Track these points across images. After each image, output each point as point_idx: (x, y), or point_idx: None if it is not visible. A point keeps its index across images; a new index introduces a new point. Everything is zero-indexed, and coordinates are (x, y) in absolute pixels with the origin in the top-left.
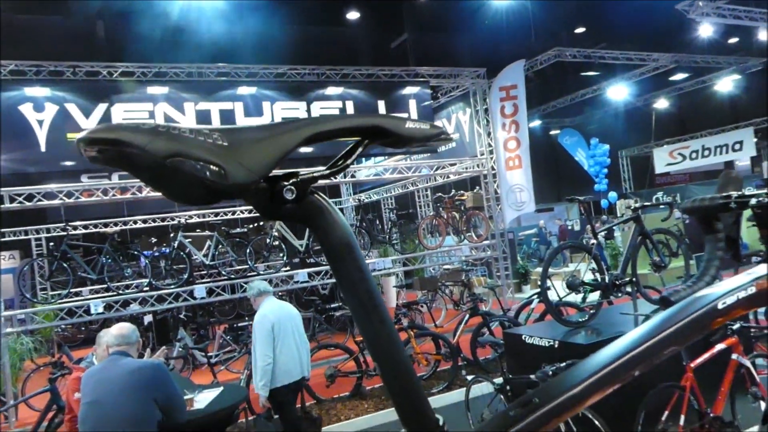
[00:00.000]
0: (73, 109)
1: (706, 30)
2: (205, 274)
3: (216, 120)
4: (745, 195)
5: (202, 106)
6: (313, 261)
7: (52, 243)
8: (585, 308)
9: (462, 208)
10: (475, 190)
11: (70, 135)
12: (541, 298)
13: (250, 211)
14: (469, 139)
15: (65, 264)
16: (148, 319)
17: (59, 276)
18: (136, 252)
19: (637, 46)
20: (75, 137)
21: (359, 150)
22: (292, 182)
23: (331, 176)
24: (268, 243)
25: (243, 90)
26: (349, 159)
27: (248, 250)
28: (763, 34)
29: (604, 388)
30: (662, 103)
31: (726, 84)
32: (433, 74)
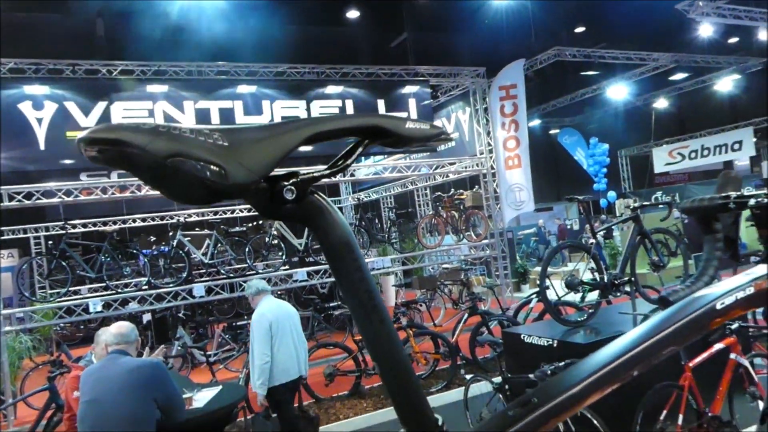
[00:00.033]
0: (72, 108)
1: (705, 30)
2: (204, 272)
3: (216, 118)
4: (744, 195)
5: (202, 104)
6: (312, 260)
7: (51, 241)
8: (584, 307)
9: (461, 207)
10: (474, 190)
11: (69, 133)
12: (540, 298)
13: (249, 210)
14: (469, 138)
15: (64, 262)
16: (147, 317)
17: (58, 274)
18: (135, 250)
19: (637, 46)
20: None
21: (359, 150)
22: (292, 182)
23: (331, 176)
24: (267, 242)
25: (243, 88)
26: (350, 159)
27: (247, 248)
28: (763, 34)
29: (602, 388)
30: (662, 103)
31: (726, 84)
32: (433, 73)
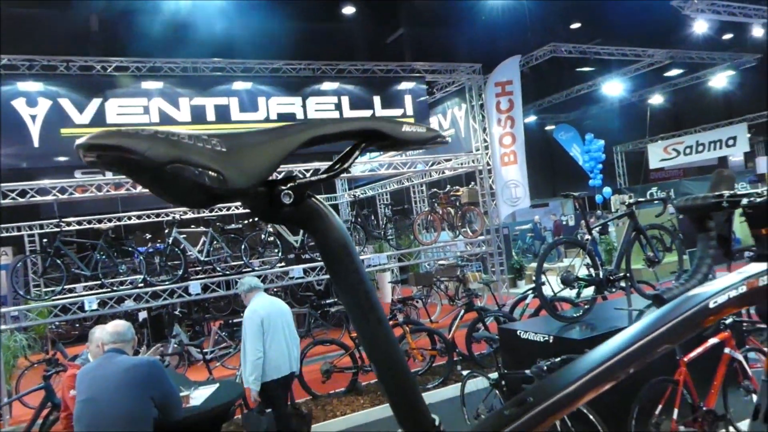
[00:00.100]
0: (66, 105)
1: (700, 26)
2: (200, 270)
3: (211, 115)
4: (737, 194)
5: (197, 101)
6: (308, 257)
7: (45, 239)
8: (579, 303)
9: (457, 203)
10: (470, 186)
11: (63, 130)
12: (536, 294)
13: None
14: (465, 135)
15: (59, 260)
16: (143, 315)
17: (53, 272)
18: (130, 248)
19: (632, 42)
20: (69, 133)
21: (356, 153)
22: (290, 186)
23: (328, 180)
24: (263, 239)
25: (238, 85)
26: (347, 162)
27: (243, 246)
28: (757, 31)
29: (598, 386)
30: (657, 99)
31: (720, 80)
32: (429, 69)
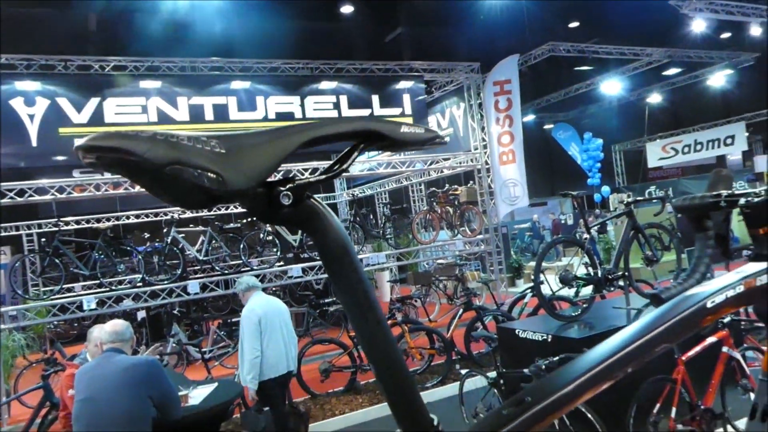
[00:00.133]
0: (64, 104)
1: (698, 25)
2: (198, 269)
3: (209, 114)
4: (735, 194)
5: (196, 100)
6: (306, 256)
7: (43, 239)
8: (578, 302)
9: (456, 202)
10: (468, 185)
11: (62, 130)
12: (535, 293)
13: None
14: (463, 134)
15: (57, 260)
16: (142, 314)
17: (51, 272)
18: (128, 247)
19: (631, 41)
20: (67, 132)
21: (355, 154)
22: (289, 187)
23: (327, 181)
24: (262, 238)
25: (237, 84)
26: (345, 163)
27: (242, 245)
28: (755, 30)
29: (595, 386)
30: (655, 98)
31: (718, 79)
32: (427, 69)
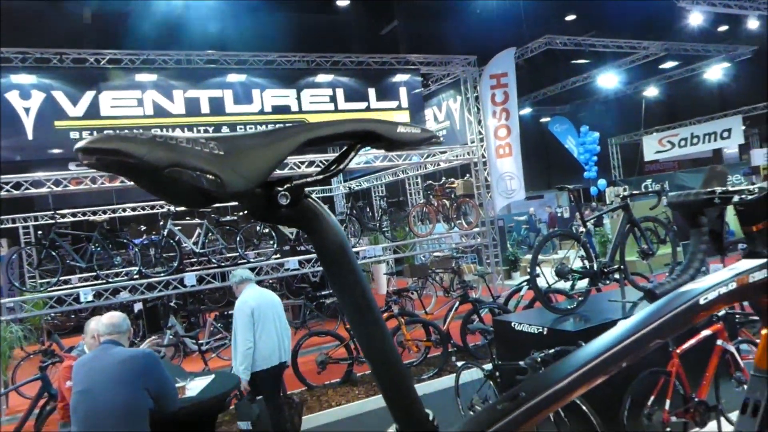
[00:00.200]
0: (60, 97)
1: (695, 18)
2: (195, 261)
3: (205, 107)
4: (729, 191)
5: (191, 93)
6: (303, 249)
7: (40, 231)
8: (574, 295)
9: (452, 195)
10: (465, 178)
11: (57, 123)
12: (531, 285)
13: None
14: (460, 127)
15: (54, 252)
16: (138, 307)
17: (48, 264)
18: (125, 240)
19: (628, 34)
20: (63, 125)
21: (352, 154)
22: (287, 187)
23: (324, 181)
24: (259, 230)
25: (232, 77)
26: (342, 164)
27: (238, 237)
28: (753, 23)
29: (589, 381)
30: (652, 91)
31: (715, 72)
32: (424, 62)
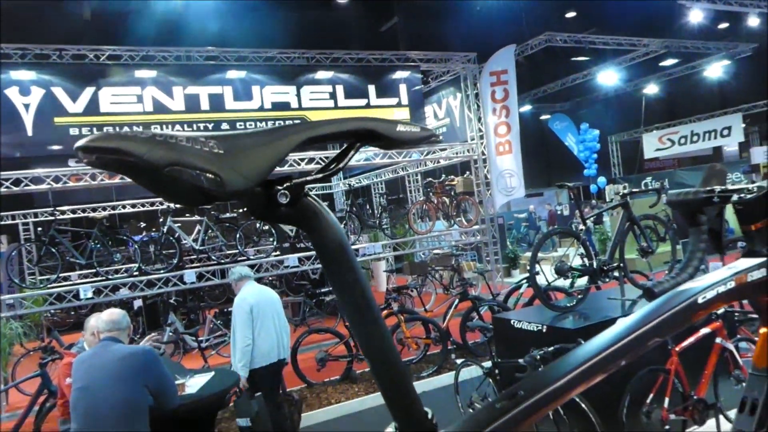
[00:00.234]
0: (59, 93)
1: (696, 15)
2: (194, 258)
3: (205, 104)
4: (728, 190)
5: (191, 90)
6: (303, 246)
7: (39, 228)
8: (573, 293)
9: (452, 193)
10: (465, 175)
11: (57, 119)
12: (530, 283)
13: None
14: (460, 125)
15: (53, 249)
16: (138, 303)
17: (47, 261)
18: (125, 237)
19: (628, 32)
20: (62, 122)
21: (351, 153)
22: (286, 186)
23: (324, 180)
24: (258, 228)
25: (232, 74)
26: (342, 162)
27: (238, 234)
28: (753, 20)
29: (588, 380)
30: (652, 89)
31: (715, 70)
32: (424, 59)
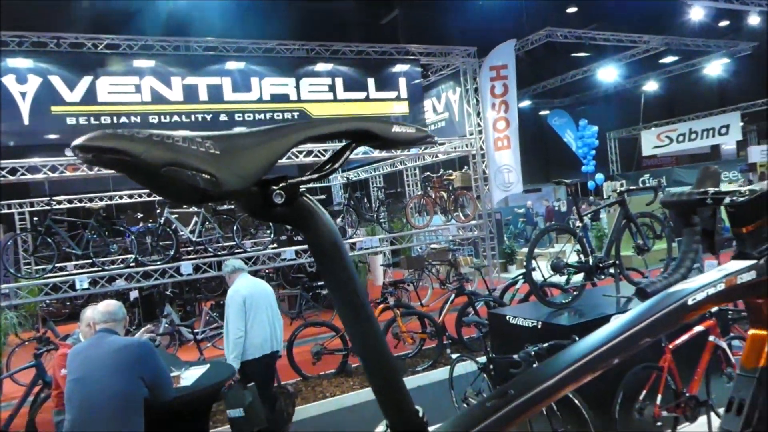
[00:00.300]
0: (57, 82)
1: (697, 13)
2: (191, 250)
3: (204, 95)
4: (721, 192)
5: (190, 80)
6: (300, 239)
7: (36, 217)
8: (569, 289)
9: (450, 187)
10: (463, 170)
11: (54, 108)
12: (526, 279)
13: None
14: (459, 119)
15: (50, 239)
16: (134, 295)
17: (43, 251)
18: (121, 227)
19: (629, 28)
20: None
21: (347, 154)
22: (282, 186)
23: (319, 180)
24: (256, 220)
25: (231, 65)
26: (337, 163)
27: (235, 226)
28: (754, 18)
29: (578, 379)
30: (651, 86)
31: (715, 68)
32: (424, 52)
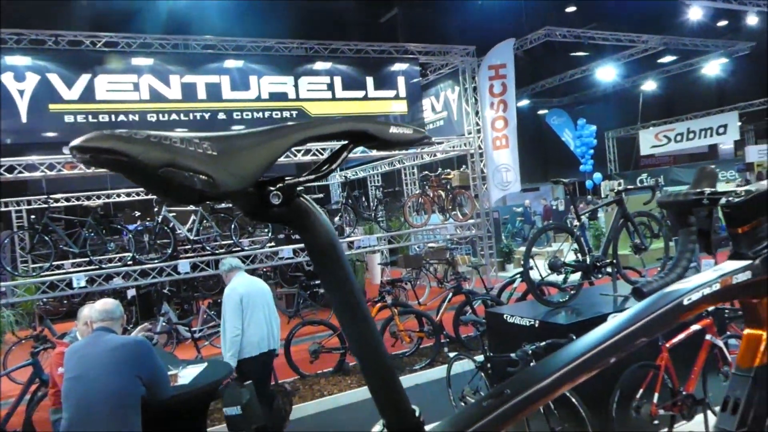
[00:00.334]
0: (55, 80)
1: (695, 13)
2: (189, 248)
3: (202, 93)
4: (717, 192)
5: (188, 78)
6: (298, 237)
7: (33, 215)
8: (566, 288)
9: (448, 186)
10: (461, 169)
11: (52, 106)
12: (524, 278)
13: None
14: (457, 118)
15: (47, 237)
16: (132, 293)
17: (41, 249)
18: (119, 226)
19: (627, 27)
20: (58, 108)
21: (345, 154)
22: (279, 187)
23: (316, 180)
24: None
25: (230, 63)
26: (335, 163)
27: (233, 225)
28: (752, 18)
29: (574, 379)
30: (649, 85)
31: (713, 67)
32: (423, 51)
